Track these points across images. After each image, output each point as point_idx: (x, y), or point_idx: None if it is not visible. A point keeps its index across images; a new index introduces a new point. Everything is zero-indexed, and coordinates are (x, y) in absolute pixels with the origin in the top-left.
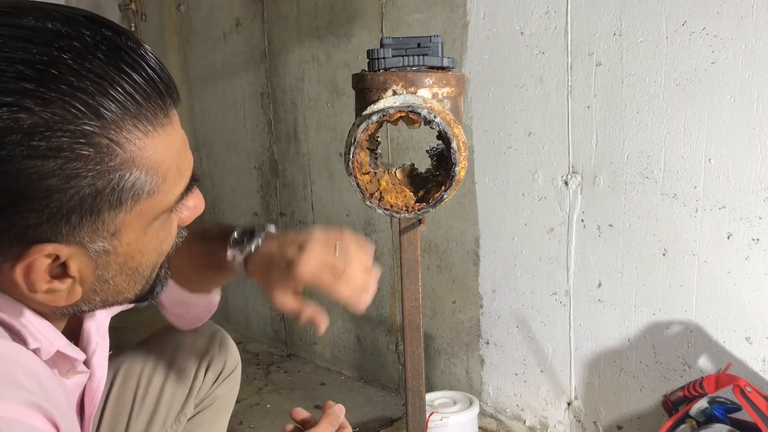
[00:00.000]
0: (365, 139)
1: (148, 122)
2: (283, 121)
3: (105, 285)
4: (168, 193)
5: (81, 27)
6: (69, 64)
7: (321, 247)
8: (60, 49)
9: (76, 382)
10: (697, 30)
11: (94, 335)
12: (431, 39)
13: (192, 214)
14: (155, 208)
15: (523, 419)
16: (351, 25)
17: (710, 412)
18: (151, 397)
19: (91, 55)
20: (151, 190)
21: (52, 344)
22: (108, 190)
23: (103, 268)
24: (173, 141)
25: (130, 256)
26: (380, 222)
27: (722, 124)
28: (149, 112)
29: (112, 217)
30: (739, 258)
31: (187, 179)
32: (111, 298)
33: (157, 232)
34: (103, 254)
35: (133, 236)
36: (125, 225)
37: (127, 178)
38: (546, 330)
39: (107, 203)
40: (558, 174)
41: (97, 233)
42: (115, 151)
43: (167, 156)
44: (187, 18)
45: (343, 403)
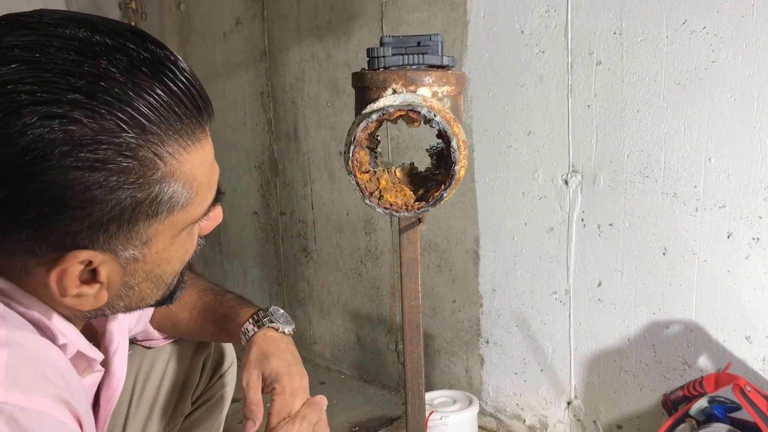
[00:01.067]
0: (365, 137)
1: (188, 137)
2: (283, 120)
3: (130, 291)
4: (198, 205)
5: (127, 41)
6: (117, 78)
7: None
8: (109, 62)
9: (91, 381)
10: (698, 29)
11: (116, 335)
12: (431, 38)
13: (212, 223)
14: (186, 219)
15: (523, 418)
16: (351, 23)
17: (710, 412)
18: (149, 394)
19: (136, 70)
20: (186, 202)
21: (73, 345)
22: (147, 201)
23: (130, 275)
24: (207, 155)
25: (156, 264)
26: (380, 221)
27: (722, 124)
28: (189, 128)
29: (147, 227)
30: (739, 257)
31: (215, 191)
32: (134, 303)
33: (184, 242)
34: (132, 261)
35: (162, 245)
36: (157, 234)
37: (166, 190)
38: (546, 329)
39: (144, 214)
40: (558, 173)
41: (131, 242)
42: (157, 165)
43: (201, 170)
44: (187, 17)
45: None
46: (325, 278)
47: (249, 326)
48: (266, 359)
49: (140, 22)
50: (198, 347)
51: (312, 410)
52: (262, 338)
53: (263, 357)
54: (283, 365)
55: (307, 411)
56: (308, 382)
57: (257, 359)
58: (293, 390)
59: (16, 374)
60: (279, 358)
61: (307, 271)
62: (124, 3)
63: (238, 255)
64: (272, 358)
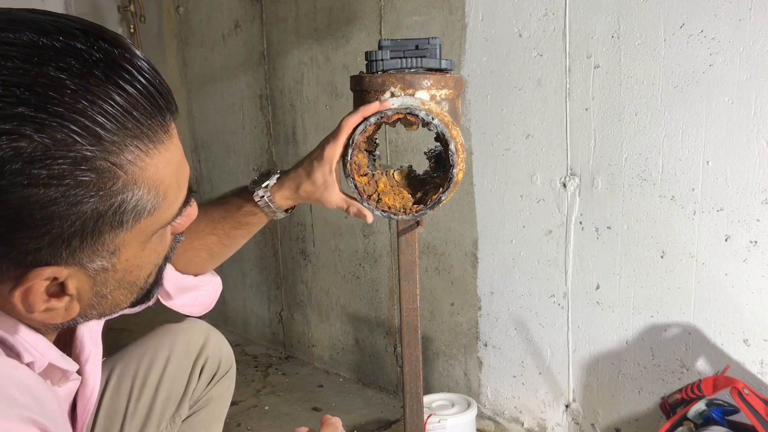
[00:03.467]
0: (363, 140)
1: (149, 140)
2: (281, 123)
3: (103, 300)
4: (168, 209)
5: (77, 42)
6: (67, 85)
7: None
8: (58, 69)
9: (68, 389)
10: (695, 32)
11: (87, 342)
12: (429, 41)
13: (186, 221)
14: (155, 224)
15: (521, 421)
16: (350, 27)
17: (708, 415)
18: (146, 398)
19: (88, 74)
20: (153, 208)
21: (44, 357)
22: (110, 213)
23: (101, 285)
24: (173, 156)
25: (128, 272)
26: (378, 224)
27: (720, 127)
28: (150, 130)
29: (113, 237)
30: (737, 260)
31: (185, 192)
32: (108, 311)
33: (155, 246)
34: (102, 272)
35: (132, 253)
36: (125, 243)
37: (129, 199)
38: (544, 332)
39: (108, 225)
40: (556, 176)
41: (97, 253)
42: (117, 174)
43: (168, 173)
44: (186, 20)
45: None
46: (323, 281)
47: (258, 195)
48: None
49: (139, 25)
50: (197, 350)
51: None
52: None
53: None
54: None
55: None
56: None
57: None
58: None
59: None
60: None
61: (306, 273)
62: (122, 6)
63: (237, 258)
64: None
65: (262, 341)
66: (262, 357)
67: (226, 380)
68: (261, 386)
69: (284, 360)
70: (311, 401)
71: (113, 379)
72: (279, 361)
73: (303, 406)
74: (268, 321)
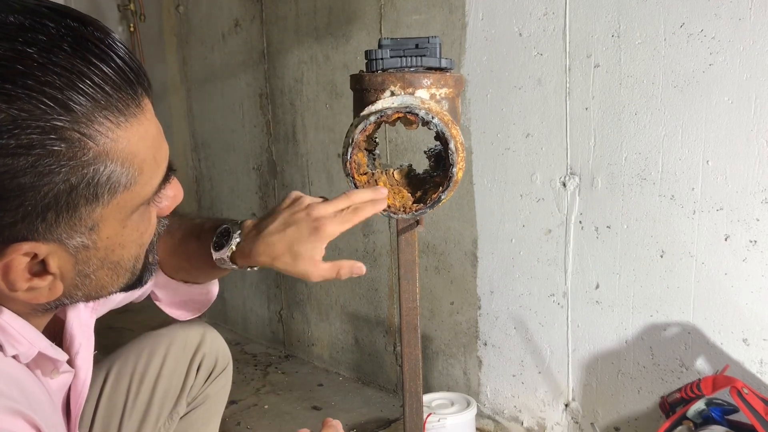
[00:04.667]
0: (363, 139)
1: (120, 113)
2: (281, 122)
3: (87, 279)
4: (145, 184)
5: (45, 18)
6: (34, 58)
7: (327, 202)
8: (24, 43)
9: (61, 382)
10: (695, 32)
11: (77, 335)
12: (429, 40)
13: (171, 203)
14: (133, 200)
15: (521, 420)
16: (350, 26)
17: (707, 414)
18: (144, 396)
19: (56, 48)
20: (128, 182)
21: (33, 346)
22: (83, 185)
23: (83, 263)
24: (147, 131)
25: (110, 250)
26: (378, 223)
27: (720, 126)
28: (120, 103)
29: (89, 211)
30: (737, 260)
31: (164, 169)
32: (94, 292)
33: (137, 224)
34: (83, 249)
35: (112, 230)
36: (103, 219)
37: (101, 171)
38: (544, 331)
39: (83, 198)
40: (556, 175)
41: (75, 229)
42: (88, 145)
43: (142, 147)
44: (186, 19)
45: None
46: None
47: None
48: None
49: (139, 24)
50: (194, 347)
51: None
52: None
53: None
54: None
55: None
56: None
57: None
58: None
59: None
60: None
61: None
62: (122, 5)
63: None
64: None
65: (261, 340)
66: (261, 356)
67: (223, 378)
68: (261, 385)
69: (284, 359)
70: (311, 400)
71: (112, 376)
72: (279, 359)
73: (303, 405)
74: (268, 320)
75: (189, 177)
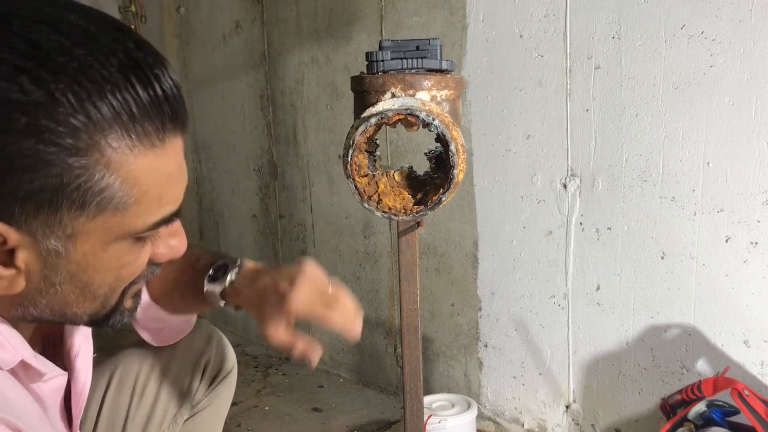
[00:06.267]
0: (363, 141)
1: (138, 138)
2: (282, 124)
3: (52, 289)
4: (138, 217)
5: (108, 30)
6: (78, 58)
7: (312, 279)
8: (76, 43)
9: (54, 385)
10: (696, 33)
11: (76, 338)
12: (430, 42)
13: (169, 253)
14: (120, 227)
15: (522, 422)
16: (350, 27)
17: (708, 416)
18: (148, 399)
19: (104, 57)
20: (120, 204)
21: (17, 353)
22: (72, 187)
23: (51, 270)
24: (161, 166)
25: (82, 268)
26: (379, 224)
27: (721, 128)
28: (142, 128)
29: (72, 218)
30: (738, 261)
31: (166, 212)
32: (58, 306)
33: (119, 254)
34: (55, 255)
35: (90, 248)
36: (84, 232)
37: (95, 180)
38: (544, 333)
39: (68, 201)
40: (557, 177)
41: (52, 230)
42: (92, 152)
43: (148, 179)
44: (187, 20)
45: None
46: None
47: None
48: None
49: (140, 26)
50: (200, 351)
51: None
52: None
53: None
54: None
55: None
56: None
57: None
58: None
59: None
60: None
61: None
62: (123, 6)
63: None
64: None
65: (262, 342)
66: (262, 357)
67: (228, 382)
68: (261, 386)
69: (284, 360)
70: (311, 401)
71: (115, 379)
72: (279, 361)
73: (303, 407)
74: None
75: (189, 178)
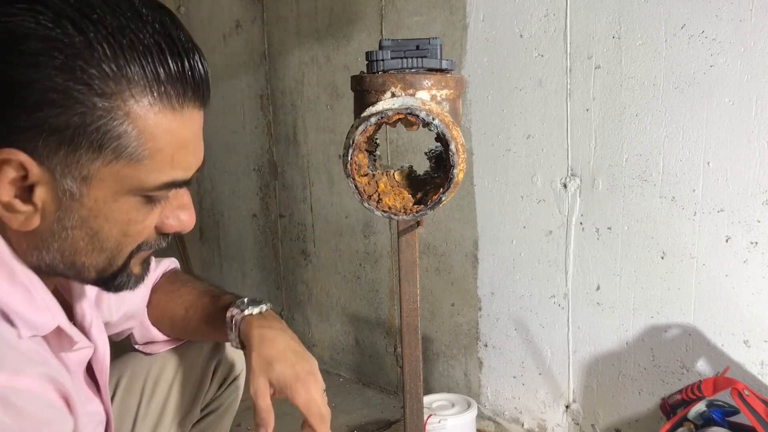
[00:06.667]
0: (363, 140)
1: (159, 97)
2: (282, 123)
3: (64, 233)
4: (150, 172)
5: (151, 6)
6: (119, 19)
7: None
8: (121, 9)
9: (80, 356)
10: (696, 33)
11: (87, 309)
12: (430, 41)
13: (178, 226)
14: (132, 179)
15: (522, 422)
16: (350, 27)
17: (708, 416)
18: (159, 400)
19: (141, 25)
20: (135, 155)
21: (54, 318)
22: (93, 127)
23: (65, 212)
24: (177, 130)
25: (93, 215)
26: (379, 224)
27: (721, 128)
28: (164, 90)
29: (89, 159)
30: (738, 261)
31: (177, 176)
32: (68, 253)
33: (128, 209)
34: (69, 197)
35: (102, 195)
36: (99, 178)
37: (115, 125)
38: (544, 333)
39: (87, 141)
40: (557, 177)
41: (70, 169)
42: (116, 98)
43: (164, 137)
44: (187, 20)
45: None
46: (324, 281)
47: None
48: (270, 366)
49: None
50: (210, 353)
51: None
52: (259, 340)
53: (267, 364)
54: (288, 369)
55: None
56: (315, 364)
57: (261, 367)
58: (308, 399)
59: (1, 357)
60: (282, 362)
61: (306, 274)
62: None
63: (237, 258)
64: (276, 363)
65: None
66: None
67: (236, 385)
68: None
69: None
70: None
71: (124, 380)
72: None
73: None
74: None
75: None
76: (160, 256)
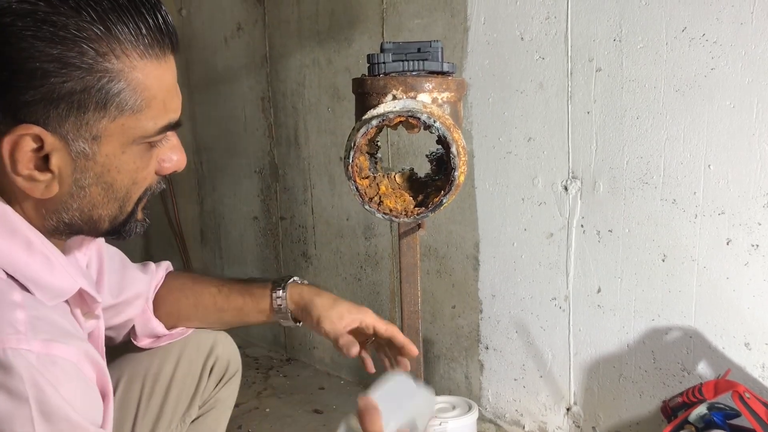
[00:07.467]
0: (365, 143)
1: (145, 51)
2: (283, 126)
3: (81, 192)
4: (150, 119)
5: None
6: None
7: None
8: None
9: (90, 327)
10: (697, 36)
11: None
12: (431, 44)
13: (172, 166)
14: (136, 129)
15: (522, 424)
16: (352, 29)
17: (709, 419)
18: (157, 398)
19: None
20: (134, 107)
21: (75, 281)
22: (96, 89)
23: (81, 172)
24: (163, 76)
25: (106, 169)
26: (380, 226)
27: (722, 130)
28: (148, 41)
29: (96, 119)
30: (739, 264)
31: (170, 118)
32: (86, 208)
33: (135, 157)
34: (83, 157)
35: (112, 149)
36: (107, 134)
37: (114, 84)
38: (545, 335)
39: (93, 102)
40: (558, 179)
41: (80, 132)
42: (110, 58)
43: (155, 85)
44: (189, 22)
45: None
46: (324, 283)
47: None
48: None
49: None
50: (206, 351)
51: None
52: (313, 292)
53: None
54: (351, 304)
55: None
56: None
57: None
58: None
59: (37, 328)
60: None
61: (307, 276)
62: None
63: (238, 260)
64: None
65: (263, 343)
66: (263, 359)
67: (233, 383)
68: (262, 388)
69: (285, 362)
70: (312, 403)
71: (124, 378)
72: (280, 363)
73: (304, 409)
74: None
75: (191, 180)
76: (160, 259)
